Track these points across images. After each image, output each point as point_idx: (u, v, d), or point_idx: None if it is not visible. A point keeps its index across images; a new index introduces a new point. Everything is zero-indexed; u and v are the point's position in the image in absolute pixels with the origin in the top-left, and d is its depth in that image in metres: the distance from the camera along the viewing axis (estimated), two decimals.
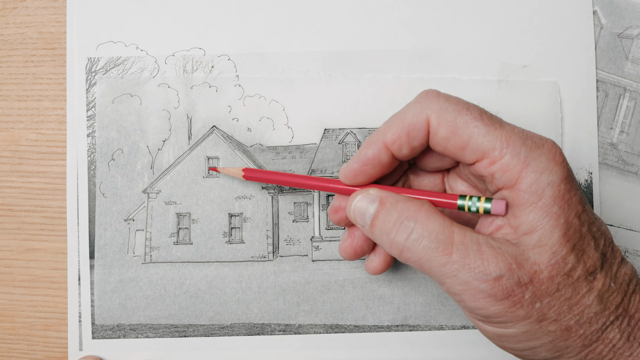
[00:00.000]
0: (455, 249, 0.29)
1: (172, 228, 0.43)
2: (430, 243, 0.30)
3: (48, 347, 0.43)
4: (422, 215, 0.31)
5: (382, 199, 0.32)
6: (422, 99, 0.32)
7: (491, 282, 0.28)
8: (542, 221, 0.29)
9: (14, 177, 0.43)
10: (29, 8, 0.43)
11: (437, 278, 0.30)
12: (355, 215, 0.33)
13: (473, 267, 0.29)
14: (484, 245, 0.29)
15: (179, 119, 0.43)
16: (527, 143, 0.30)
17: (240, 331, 0.42)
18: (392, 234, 0.31)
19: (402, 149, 0.33)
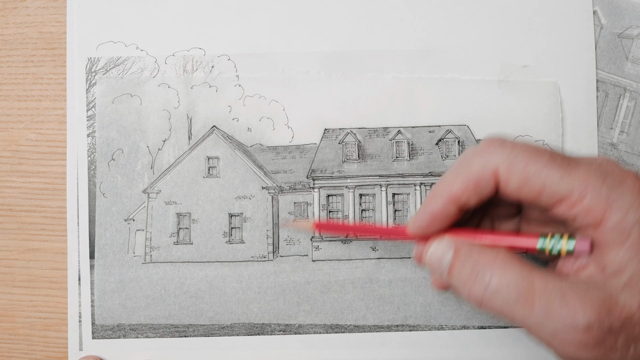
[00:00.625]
0: (538, 300, 0.28)
1: (172, 228, 0.43)
2: (509, 295, 0.28)
3: (48, 347, 0.43)
4: (498, 265, 0.29)
5: (456, 248, 0.31)
6: (486, 149, 0.31)
7: (581, 332, 0.27)
8: (631, 261, 0.28)
9: (14, 177, 0.43)
10: (29, 8, 0.43)
11: (523, 327, 0.29)
12: (432, 265, 0.33)
13: (559, 318, 0.27)
14: (568, 292, 0.28)
15: (179, 119, 0.43)
16: (607, 181, 0.28)
17: (240, 331, 0.42)
18: (469, 286, 0.30)
19: (470, 201, 0.31)
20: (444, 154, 0.43)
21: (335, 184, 0.44)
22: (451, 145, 0.43)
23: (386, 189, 0.44)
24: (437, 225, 0.33)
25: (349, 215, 0.44)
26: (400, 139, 0.43)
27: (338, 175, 0.43)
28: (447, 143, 0.43)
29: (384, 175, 0.43)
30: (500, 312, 0.29)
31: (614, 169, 0.29)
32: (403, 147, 0.43)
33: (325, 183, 0.44)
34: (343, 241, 0.43)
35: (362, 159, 0.43)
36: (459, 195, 0.31)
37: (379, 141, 0.43)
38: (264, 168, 0.43)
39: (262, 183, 0.43)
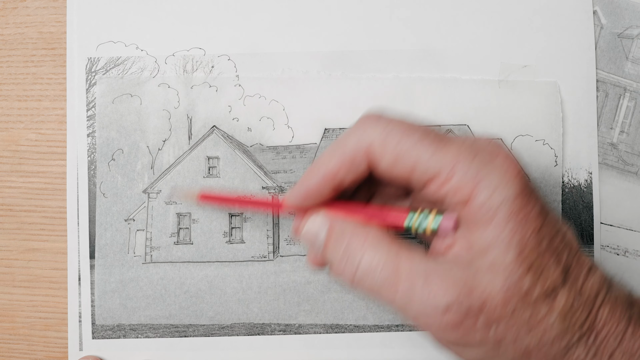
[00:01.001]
0: (402, 282, 0.28)
1: (173, 228, 0.43)
2: (376, 277, 0.29)
3: (48, 347, 0.43)
4: (368, 245, 0.29)
5: (330, 225, 0.31)
6: (362, 125, 0.31)
7: (440, 313, 0.27)
8: (495, 241, 0.27)
9: (14, 177, 0.43)
10: (29, 8, 0.43)
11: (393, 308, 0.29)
12: (307, 240, 0.33)
13: (420, 299, 0.27)
14: (432, 274, 0.28)
15: (179, 119, 0.43)
16: (477, 158, 0.28)
17: (241, 331, 0.42)
18: (342, 266, 0.30)
19: (346, 179, 0.31)
20: None
21: None
22: None
23: None
24: (312, 202, 0.32)
25: None
26: None
27: None
28: None
29: None
30: (369, 293, 0.29)
31: (485, 147, 0.29)
32: None
33: None
34: None
35: None
36: (334, 173, 0.31)
37: None
38: (264, 168, 0.43)
39: (263, 183, 0.43)
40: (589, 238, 0.43)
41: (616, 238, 0.43)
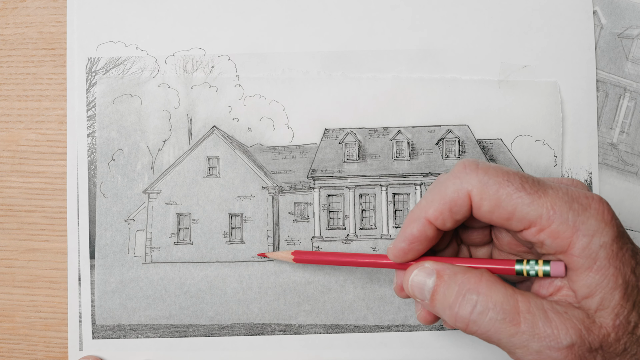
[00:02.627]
0: (523, 319, 0.29)
1: (173, 228, 0.43)
2: (496, 315, 0.29)
3: (48, 347, 0.43)
4: (483, 286, 0.30)
5: (438, 271, 0.32)
6: (460, 173, 0.32)
7: (564, 351, 0.28)
8: (600, 284, 0.29)
9: (14, 177, 0.43)
10: (29, 8, 0.43)
11: (506, 349, 0.30)
12: (414, 291, 0.33)
13: (543, 336, 0.28)
14: (550, 311, 0.29)
15: (179, 119, 0.43)
16: (573, 207, 0.29)
17: (241, 331, 0.42)
18: (455, 309, 0.31)
19: (446, 223, 0.32)
20: (444, 154, 0.43)
21: (335, 184, 0.44)
22: (451, 145, 0.43)
23: (386, 188, 0.44)
24: (416, 249, 0.33)
25: (349, 215, 0.44)
26: (400, 139, 0.43)
27: (338, 175, 0.43)
28: (447, 143, 0.43)
29: (384, 175, 0.43)
30: (486, 333, 0.30)
31: (579, 195, 0.30)
32: (403, 147, 0.43)
33: (325, 183, 0.44)
34: (343, 241, 0.43)
35: (362, 158, 0.43)
36: (435, 218, 0.32)
37: (379, 141, 0.43)
38: (264, 168, 0.43)
39: (263, 183, 0.43)
40: None
41: None
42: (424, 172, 0.43)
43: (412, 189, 0.44)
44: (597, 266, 0.29)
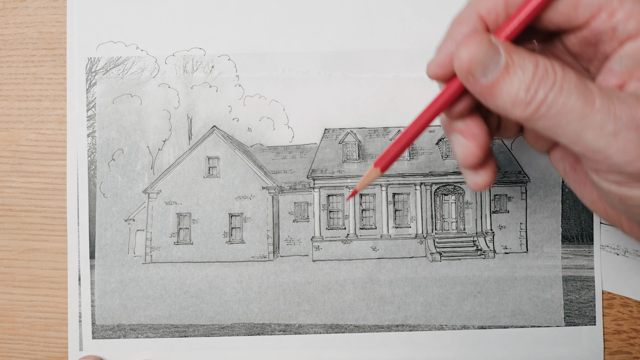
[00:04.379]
0: (598, 98, 0.25)
1: (173, 228, 0.43)
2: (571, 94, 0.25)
3: (48, 347, 0.43)
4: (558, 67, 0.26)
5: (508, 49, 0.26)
6: None
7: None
8: None
9: (14, 177, 0.43)
10: (29, 8, 0.43)
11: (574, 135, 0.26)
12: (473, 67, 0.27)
13: (619, 114, 0.25)
14: (623, 95, 0.26)
15: (179, 119, 0.43)
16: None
17: (241, 331, 0.42)
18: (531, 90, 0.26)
19: (499, 18, 0.28)
20: (444, 154, 0.43)
21: (335, 183, 0.44)
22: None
23: (386, 188, 0.44)
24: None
25: (349, 215, 0.44)
26: None
27: (338, 175, 0.43)
28: (447, 143, 0.43)
29: (384, 175, 0.43)
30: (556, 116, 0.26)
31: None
32: None
33: (325, 183, 0.44)
34: (343, 241, 0.43)
35: (362, 158, 0.43)
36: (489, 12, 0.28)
37: (379, 141, 0.43)
38: (264, 168, 0.43)
39: (263, 183, 0.43)
40: (589, 238, 0.43)
41: (616, 238, 0.43)
42: (424, 172, 0.43)
43: (412, 189, 0.44)
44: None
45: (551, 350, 0.42)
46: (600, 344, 0.42)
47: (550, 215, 0.43)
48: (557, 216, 0.43)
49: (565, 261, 0.42)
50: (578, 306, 0.42)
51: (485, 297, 0.42)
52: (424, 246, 0.43)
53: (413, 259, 0.43)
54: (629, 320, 0.42)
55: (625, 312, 0.42)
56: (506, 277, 0.42)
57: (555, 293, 0.42)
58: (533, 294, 0.42)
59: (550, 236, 0.43)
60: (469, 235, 0.43)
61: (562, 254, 0.42)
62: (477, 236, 0.43)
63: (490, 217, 0.43)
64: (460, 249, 0.43)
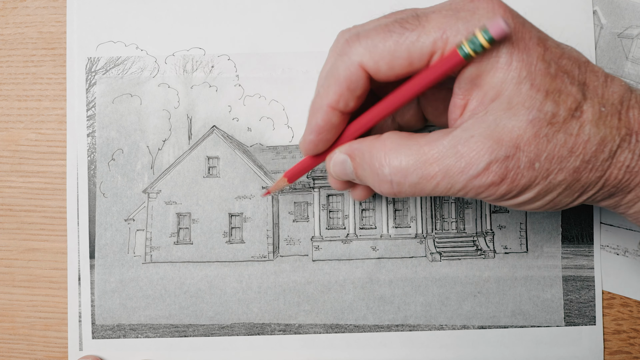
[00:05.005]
0: (437, 170, 0.29)
1: (173, 228, 0.43)
2: (410, 176, 0.29)
3: (48, 347, 0.43)
4: (389, 151, 0.30)
5: (350, 155, 0.33)
6: (345, 49, 0.31)
7: (484, 175, 0.28)
8: (505, 81, 0.28)
9: (14, 177, 0.43)
10: (29, 8, 0.43)
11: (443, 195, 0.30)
12: (341, 177, 0.34)
13: (459, 172, 0.28)
14: (458, 145, 0.28)
15: (179, 118, 0.43)
16: (461, 16, 0.28)
17: (241, 331, 0.42)
18: (376, 183, 0.31)
19: (349, 104, 0.32)
20: None
21: None
22: None
23: None
24: (325, 139, 0.33)
25: (349, 215, 0.44)
26: None
27: None
28: None
29: None
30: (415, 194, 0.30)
31: (463, 2, 0.29)
32: None
33: (325, 183, 0.44)
34: (343, 241, 0.43)
35: None
36: (336, 102, 0.31)
37: None
38: (264, 168, 0.43)
39: (262, 183, 0.43)
40: (589, 238, 0.43)
41: (616, 238, 0.43)
42: None
43: None
44: (499, 64, 0.28)
45: (551, 350, 0.42)
46: (600, 344, 0.42)
47: (551, 215, 0.43)
48: (557, 216, 0.43)
49: (565, 261, 0.42)
50: (578, 306, 0.42)
51: (485, 297, 0.42)
52: (424, 246, 0.43)
53: (413, 259, 0.43)
54: (629, 320, 0.42)
55: (625, 312, 0.42)
56: (506, 277, 0.42)
57: (555, 293, 0.42)
58: (533, 294, 0.42)
59: (550, 236, 0.43)
60: (469, 235, 0.43)
61: (562, 253, 0.42)
62: (477, 236, 0.43)
63: (490, 217, 0.43)
64: (460, 248, 0.43)
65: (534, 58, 0.28)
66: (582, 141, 0.28)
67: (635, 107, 0.29)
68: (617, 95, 0.29)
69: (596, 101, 0.29)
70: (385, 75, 0.30)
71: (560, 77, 0.28)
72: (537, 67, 0.28)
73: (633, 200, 0.30)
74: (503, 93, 0.28)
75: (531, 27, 0.29)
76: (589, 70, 0.30)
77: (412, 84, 0.30)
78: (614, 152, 0.29)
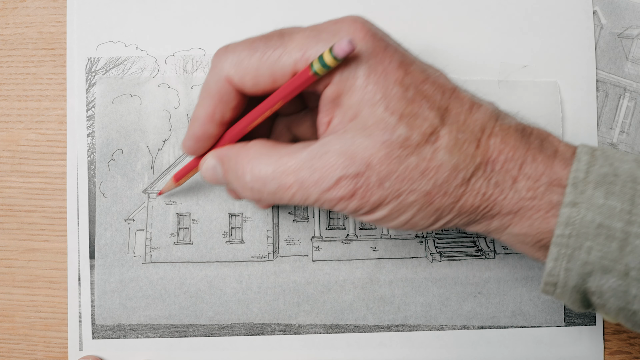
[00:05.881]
0: (292, 180, 0.30)
1: (172, 228, 0.43)
2: (269, 185, 0.30)
3: (48, 347, 0.43)
4: (252, 159, 0.31)
5: (219, 158, 0.33)
6: (215, 63, 0.32)
7: (334, 189, 0.29)
8: (361, 102, 0.29)
9: (14, 177, 0.43)
10: (29, 8, 0.43)
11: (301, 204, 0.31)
12: (212, 181, 0.35)
13: (312, 184, 0.29)
14: (314, 158, 0.29)
15: (179, 119, 0.43)
16: (322, 37, 0.29)
17: (241, 331, 0.42)
18: (240, 188, 0.32)
19: (225, 115, 0.33)
20: None
21: None
22: None
23: None
24: (204, 145, 0.34)
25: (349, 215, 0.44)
26: None
27: None
28: None
29: None
30: (277, 202, 0.31)
31: (327, 24, 0.30)
32: None
33: None
34: (343, 241, 0.43)
35: None
36: (212, 114, 0.33)
37: None
38: None
39: None
40: None
41: None
42: None
43: None
44: (356, 86, 0.29)
45: (551, 350, 0.42)
46: (600, 344, 0.42)
47: None
48: None
49: None
50: None
51: (486, 298, 0.42)
52: (424, 246, 0.43)
53: (413, 259, 0.43)
54: None
55: None
56: (507, 278, 0.42)
57: None
58: (533, 295, 0.42)
59: None
60: (469, 235, 0.43)
61: None
62: (477, 236, 0.43)
63: None
64: (461, 249, 0.43)
65: (390, 82, 0.29)
66: (435, 166, 0.29)
67: (498, 134, 0.30)
68: (479, 123, 0.30)
69: (454, 127, 0.29)
70: (251, 90, 0.31)
71: (418, 101, 0.29)
72: (394, 90, 0.29)
73: (500, 227, 0.30)
74: (359, 114, 0.29)
75: (394, 51, 0.30)
76: (453, 97, 0.30)
77: (271, 97, 0.31)
78: (467, 179, 0.29)
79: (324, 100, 0.31)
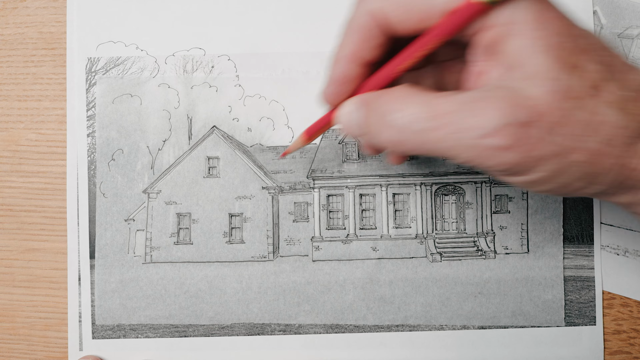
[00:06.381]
0: (446, 122, 0.27)
1: (173, 228, 0.43)
2: (418, 126, 0.27)
3: (48, 347, 0.43)
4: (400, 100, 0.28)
5: (364, 101, 0.30)
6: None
7: (495, 137, 0.26)
8: (531, 49, 0.26)
9: (14, 177, 0.43)
10: (29, 8, 0.43)
11: (444, 155, 0.28)
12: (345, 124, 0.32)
13: (469, 128, 0.26)
14: (472, 102, 0.27)
15: (179, 119, 0.43)
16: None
17: (241, 331, 0.42)
18: (383, 132, 0.29)
19: (369, 54, 0.31)
20: None
21: (335, 184, 0.44)
22: None
23: (386, 189, 0.44)
24: (346, 90, 0.32)
25: (349, 215, 0.44)
26: None
27: (338, 175, 0.43)
28: None
29: (384, 175, 0.43)
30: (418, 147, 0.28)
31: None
32: None
33: (325, 183, 0.44)
34: (343, 241, 0.43)
35: (362, 158, 0.43)
36: (355, 52, 0.30)
37: None
38: (264, 168, 0.43)
39: (262, 183, 0.43)
40: (589, 238, 0.43)
41: (616, 238, 0.43)
42: (424, 172, 0.43)
43: (412, 189, 0.44)
44: (524, 32, 0.26)
45: (551, 350, 0.42)
46: (600, 344, 0.42)
47: (552, 216, 0.43)
48: (559, 217, 0.43)
49: (566, 261, 0.42)
50: (578, 306, 0.42)
51: (486, 298, 0.42)
52: (424, 246, 0.43)
53: (413, 259, 0.43)
54: (629, 320, 0.42)
55: (625, 312, 0.42)
56: (507, 278, 0.42)
57: (556, 293, 0.42)
58: (534, 295, 0.42)
59: (551, 237, 0.43)
60: (470, 235, 0.43)
61: (563, 254, 0.42)
62: (477, 236, 0.43)
63: (491, 217, 0.43)
64: (461, 249, 0.43)
65: (559, 30, 0.27)
66: (606, 122, 0.26)
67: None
68: (637, 82, 0.28)
69: (620, 84, 0.27)
70: (399, 26, 0.29)
71: (586, 54, 0.27)
72: (562, 39, 0.26)
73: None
74: (527, 63, 0.26)
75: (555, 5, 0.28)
76: (611, 54, 0.28)
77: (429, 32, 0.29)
78: (635, 139, 0.27)
79: (476, 49, 0.28)
